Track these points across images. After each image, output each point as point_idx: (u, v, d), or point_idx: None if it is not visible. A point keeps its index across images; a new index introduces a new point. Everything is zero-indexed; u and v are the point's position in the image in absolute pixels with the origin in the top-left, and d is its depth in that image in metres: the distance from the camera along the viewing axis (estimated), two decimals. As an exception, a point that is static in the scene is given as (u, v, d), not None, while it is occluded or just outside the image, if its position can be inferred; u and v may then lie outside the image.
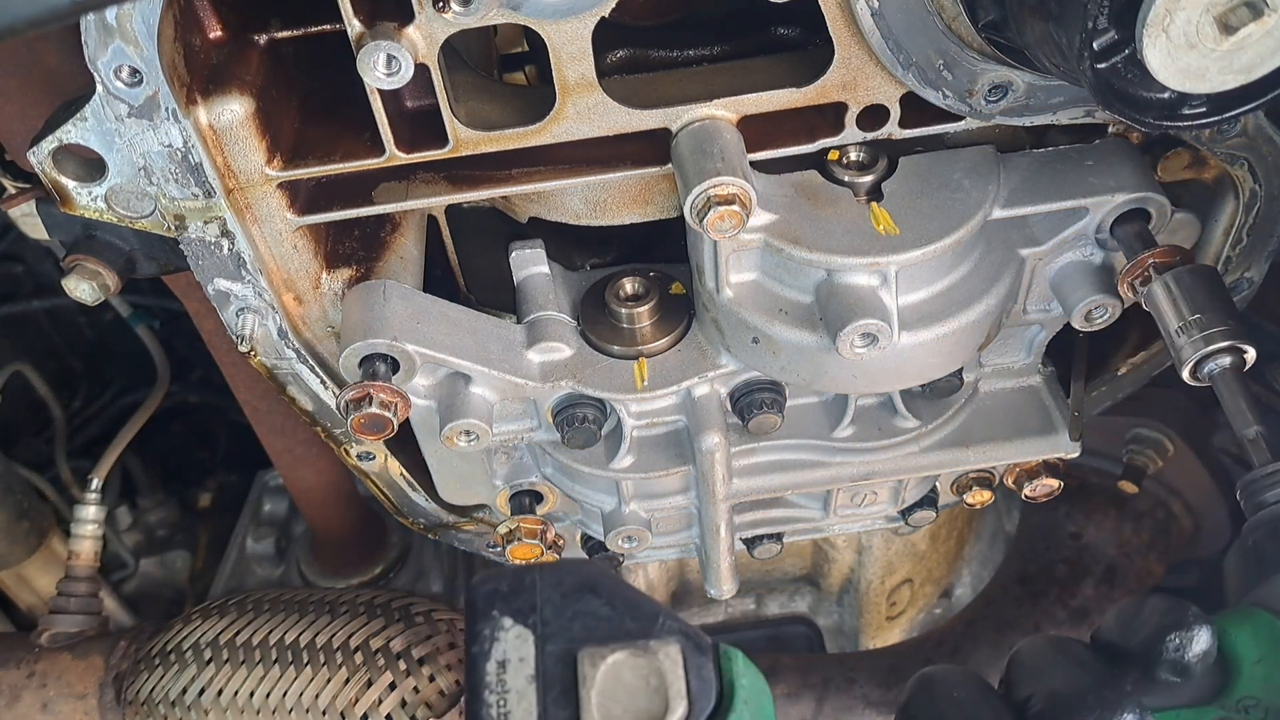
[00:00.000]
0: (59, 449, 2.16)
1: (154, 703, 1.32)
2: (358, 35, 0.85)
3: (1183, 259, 0.99)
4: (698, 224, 0.94)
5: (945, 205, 1.00)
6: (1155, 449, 1.61)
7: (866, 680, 1.62)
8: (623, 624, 0.69)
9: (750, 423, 1.14)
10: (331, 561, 1.96)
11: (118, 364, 2.36)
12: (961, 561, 1.90)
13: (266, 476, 2.14)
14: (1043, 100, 0.96)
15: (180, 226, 0.98)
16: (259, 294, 1.05)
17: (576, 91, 0.93)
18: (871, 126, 0.99)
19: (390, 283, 1.07)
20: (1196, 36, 0.70)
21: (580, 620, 0.69)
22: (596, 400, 1.12)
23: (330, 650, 1.28)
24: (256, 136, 0.94)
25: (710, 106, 0.97)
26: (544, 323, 1.13)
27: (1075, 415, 1.22)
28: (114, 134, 0.90)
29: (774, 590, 1.95)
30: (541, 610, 0.69)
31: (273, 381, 1.16)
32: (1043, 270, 1.09)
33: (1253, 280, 1.16)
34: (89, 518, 1.58)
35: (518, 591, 0.70)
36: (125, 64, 0.85)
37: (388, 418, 1.02)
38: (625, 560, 1.40)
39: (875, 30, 0.88)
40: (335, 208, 1.02)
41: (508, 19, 0.86)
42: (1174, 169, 1.08)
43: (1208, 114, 0.80)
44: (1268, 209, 1.06)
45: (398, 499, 1.36)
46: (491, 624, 0.69)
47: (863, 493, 1.33)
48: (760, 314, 1.04)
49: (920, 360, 1.05)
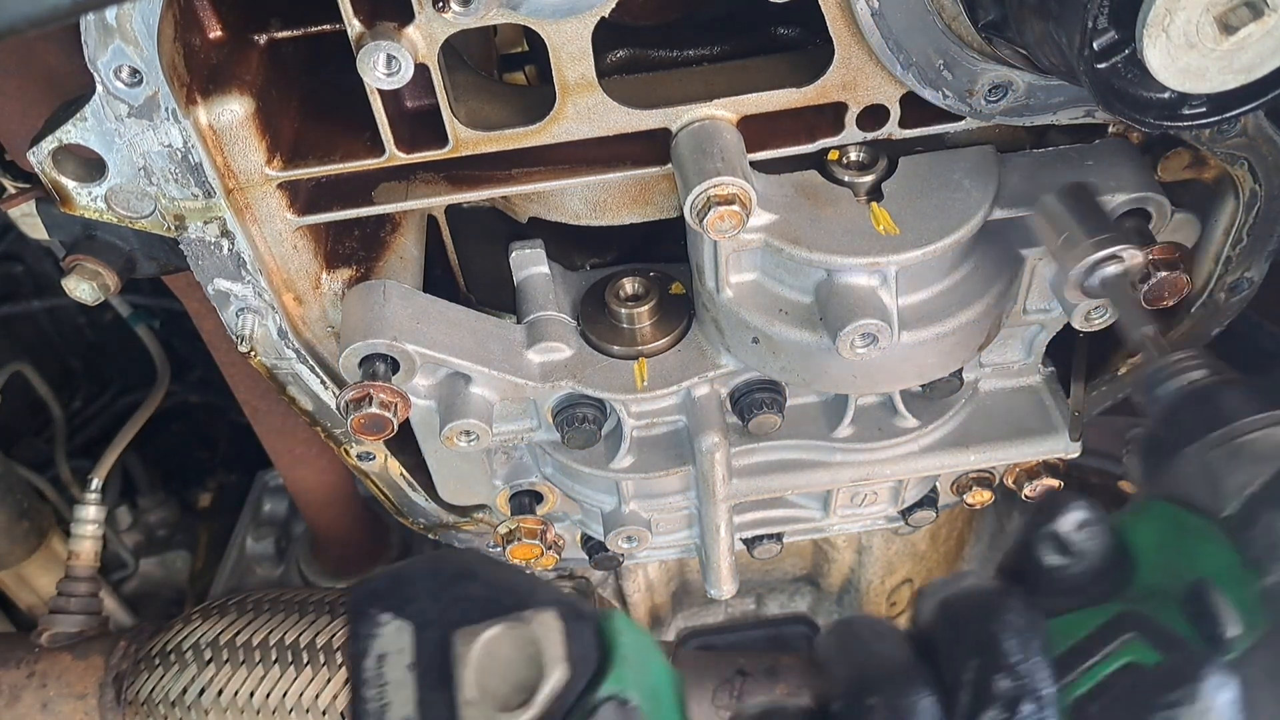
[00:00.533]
0: (59, 449, 2.16)
1: (154, 703, 1.32)
2: (358, 35, 0.85)
3: (1180, 257, 0.99)
4: (698, 224, 0.94)
5: (945, 205, 1.00)
6: (1155, 449, 1.61)
7: (866, 680, 1.62)
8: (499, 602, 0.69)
9: (750, 423, 1.14)
10: (331, 561, 1.96)
11: (118, 364, 2.36)
12: (961, 561, 1.90)
13: (266, 476, 2.14)
14: (1043, 100, 0.96)
15: (180, 226, 0.98)
16: (259, 294, 1.05)
17: (576, 91, 0.93)
18: (871, 126, 0.99)
19: (390, 283, 1.07)
20: (1196, 36, 0.70)
21: (457, 605, 0.69)
22: (596, 400, 1.12)
23: (330, 650, 1.27)
24: (256, 136, 0.94)
25: (710, 106, 0.97)
26: (544, 323, 1.13)
27: (1075, 415, 1.22)
28: (114, 134, 0.90)
29: (774, 590, 1.95)
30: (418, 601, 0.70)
31: (273, 381, 1.16)
32: (1043, 270, 1.09)
33: (1253, 280, 1.16)
34: (89, 518, 1.58)
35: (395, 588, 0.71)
36: (125, 64, 0.85)
37: (388, 418, 1.02)
38: (625, 560, 1.40)
39: (875, 30, 0.88)
40: (335, 208, 1.02)
41: (508, 19, 0.86)
42: (1174, 169, 1.08)
43: (1208, 114, 0.80)
44: (1268, 209, 1.06)
45: (398, 499, 1.36)
46: (368, 622, 0.70)
47: (863, 493, 1.33)
48: (760, 314, 1.04)
49: (920, 360, 1.05)
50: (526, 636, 0.67)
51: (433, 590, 0.71)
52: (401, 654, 0.68)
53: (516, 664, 0.66)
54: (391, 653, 0.68)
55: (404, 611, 0.70)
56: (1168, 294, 0.98)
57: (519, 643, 0.66)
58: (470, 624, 0.68)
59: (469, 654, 0.66)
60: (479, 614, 0.68)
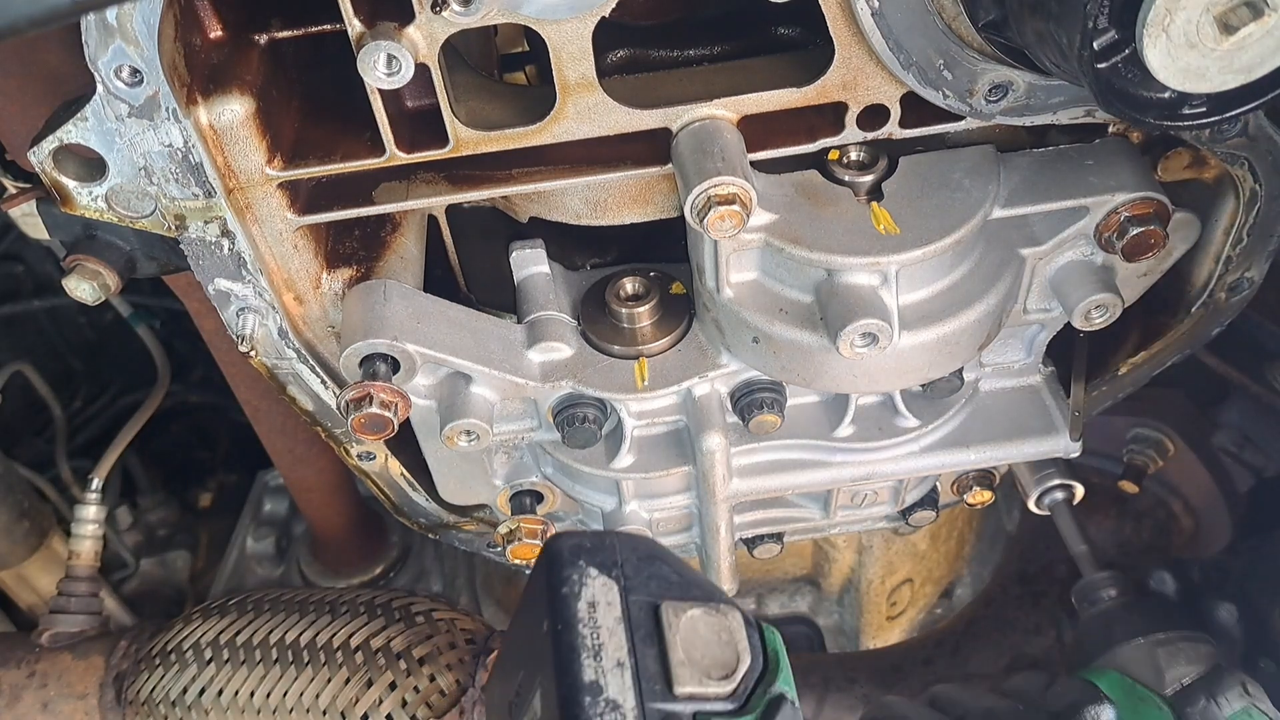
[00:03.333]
0: (59, 449, 2.16)
1: (154, 703, 1.32)
2: (358, 35, 0.85)
3: (1154, 212, 1.04)
4: (698, 224, 0.94)
5: (945, 205, 1.00)
6: (1155, 449, 1.61)
7: (867, 680, 1.63)
8: (692, 589, 0.79)
9: (750, 423, 1.14)
10: (332, 561, 1.96)
11: (118, 364, 2.36)
12: (961, 561, 1.90)
13: (267, 476, 2.14)
14: (1043, 100, 0.96)
15: (180, 226, 0.98)
16: (259, 294, 1.05)
17: (577, 91, 0.93)
18: (872, 126, 0.99)
19: (391, 282, 1.07)
20: (1197, 36, 0.70)
21: (656, 580, 0.78)
22: (597, 400, 1.12)
23: (330, 650, 1.28)
24: (257, 136, 0.94)
25: (710, 106, 0.97)
26: (544, 322, 1.13)
27: (1075, 415, 1.22)
28: (114, 134, 0.90)
29: (774, 590, 1.95)
30: (623, 566, 0.78)
31: (273, 381, 1.16)
32: (1043, 270, 1.09)
33: (1253, 280, 1.16)
34: (89, 518, 1.58)
35: (599, 548, 0.79)
36: (126, 64, 0.85)
37: (388, 418, 1.02)
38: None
39: (875, 30, 0.88)
40: (335, 208, 1.02)
41: (508, 19, 0.86)
42: (1174, 169, 1.08)
43: (1208, 114, 0.80)
44: (1268, 209, 1.06)
45: (398, 499, 1.36)
46: (579, 570, 0.77)
47: (863, 493, 1.33)
48: (760, 313, 1.04)
49: (921, 360, 1.05)
50: (722, 624, 0.76)
51: (634, 562, 0.79)
52: (611, 606, 0.76)
53: (714, 645, 0.75)
54: (601, 603, 0.76)
55: (610, 572, 0.78)
56: (1145, 248, 1.03)
57: (716, 627, 0.76)
58: (672, 599, 0.77)
59: (678, 623, 0.75)
60: (676, 593, 0.78)
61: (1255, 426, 1.63)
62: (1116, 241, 1.02)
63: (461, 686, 1.24)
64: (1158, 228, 1.01)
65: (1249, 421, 1.63)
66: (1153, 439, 1.62)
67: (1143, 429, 1.62)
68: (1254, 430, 1.63)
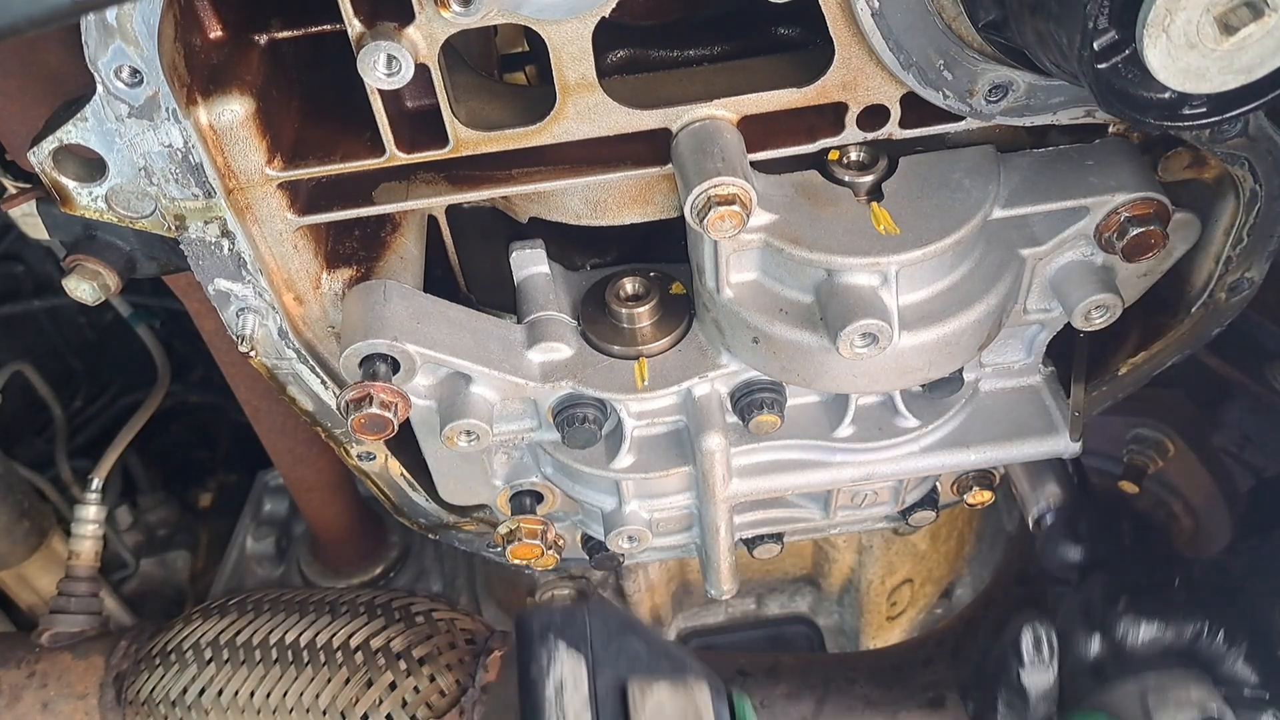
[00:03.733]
0: (59, 449, 2.16)
1: (154, 702, 1.33)
2: (358, 35, 0.85)
3: (1154, 213, 1.04)
4: (698, 224, 0.94)
5: (945, 205, 1.00)
6: (1155, 449, 1.62)
7: (867, 680, 1.62)
8: (660, 663, 0.80)
9: (750, 423, 1.14)
10: (332, 561, 1.96)
11: (118, 364, 2.36)
12: (961, 561, 1.90)
13: (267, 476, 2.14)
14: (1043, 100, 0.96)
15: (180, 227, 0.98)
16: (259, 294, 1.05)
17: (577, 91, 0.93)
18: (872, 126, 0.99)
19: (391, 283, 1.07)
20: (1197, 36, 0.70)
21: (624, 656, 0.80)
22: (597, 400, 1.12)
23: (330, 650, 1.28)
24: (257, 136, 0.94)
25: (710, 106, 0.97)
26: (544, 323, 1.13)
27: (1075, 415, 1.22)
28: (114, 134, 0.90)
29: (774, 590, 1.95)
30: (592, 642, 0.80)
31: (273, 381, 1.16)
32: (1043, 270, 1.09)
33: (1253, 280, 1.16)
34: (89, 518, 1.58)
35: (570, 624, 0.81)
36: (125, 64, 0.85)
37: (388, 418, 1.02)
38: (626, 560, 1.40)
39: (875, 30, 0.88)
40: (335, 208, 1.02)
41: (508, 19, 0.86)
42: (1174, 169, 1.08)
43: (1208, 114, 0.80)
44: (1268, 209, 1.06)
45: (398, 499, 1.36)
46: (549, 647, 0.79)
47: (863, 493, 1.33)
48: (760, 314, 1.04)
49: (921, 360, 1.05)
50: (689, 701, 0.78)
51: (604, 636, 0.81)
52: (578, 687, 0.77)
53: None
54: (569, 684, 0.77)
55: (580, 648, 0.79)
56: (1146, 248, 1.03)
57: (682, 703, 0.77)
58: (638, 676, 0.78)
59: (645, 703, 0.77)
60: (644, 669, 0.79)
61: (1255, 426, 1.63)
62: (1116, 242, 1.02)
63: (461, 686, 1.24)
64: (1158, 228, 1.01)
65: (1249, 421, 1.63)
66: (1153, 439, 1.62)
67: (1143, 429, 1.63)
68: (1254, 430, 1.63)
